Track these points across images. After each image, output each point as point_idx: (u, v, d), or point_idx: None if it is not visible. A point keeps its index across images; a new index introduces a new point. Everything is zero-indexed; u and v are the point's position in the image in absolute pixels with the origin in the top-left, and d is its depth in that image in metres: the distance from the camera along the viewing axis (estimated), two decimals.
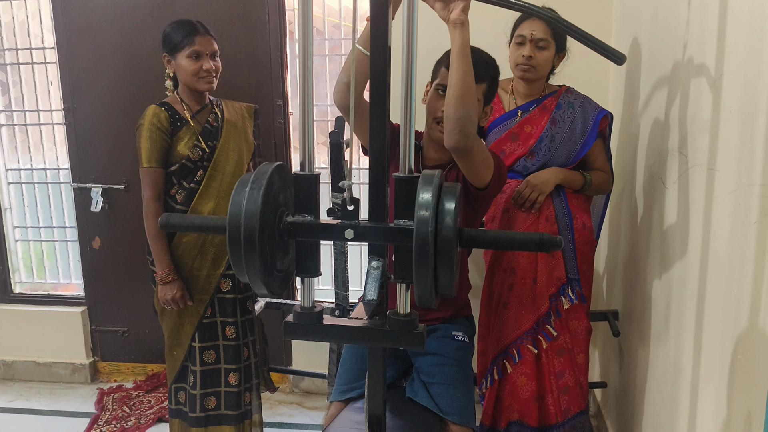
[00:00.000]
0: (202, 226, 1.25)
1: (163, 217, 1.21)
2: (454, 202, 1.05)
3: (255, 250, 1.05)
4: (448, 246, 1.04)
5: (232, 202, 1.06)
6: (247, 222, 1.04)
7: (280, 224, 1.14)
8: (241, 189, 1.07)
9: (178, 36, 2.22)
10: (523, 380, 2.16)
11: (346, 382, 1.90)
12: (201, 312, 2.35)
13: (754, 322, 1.22)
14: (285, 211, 1.16)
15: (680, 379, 1.67)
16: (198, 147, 2.28)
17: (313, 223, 1.18)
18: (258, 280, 1.09)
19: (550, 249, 1.06)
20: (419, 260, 1.03)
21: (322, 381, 3.24)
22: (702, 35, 1.55)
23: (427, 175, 1.09)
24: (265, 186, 1.06)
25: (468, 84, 1.59)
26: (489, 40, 2.23)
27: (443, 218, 1.04)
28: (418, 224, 1.03)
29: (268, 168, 1.10)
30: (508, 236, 1.13)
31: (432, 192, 1.05)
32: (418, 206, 1.04)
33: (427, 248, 1.02)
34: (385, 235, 1.17)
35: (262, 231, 1.05)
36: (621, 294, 2.50)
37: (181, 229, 1.29)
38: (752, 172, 1.22)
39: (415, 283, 1.06)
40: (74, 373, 3.46)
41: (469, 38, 1.58)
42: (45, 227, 3.52)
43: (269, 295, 1.15)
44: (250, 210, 1.05)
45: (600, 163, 2.21)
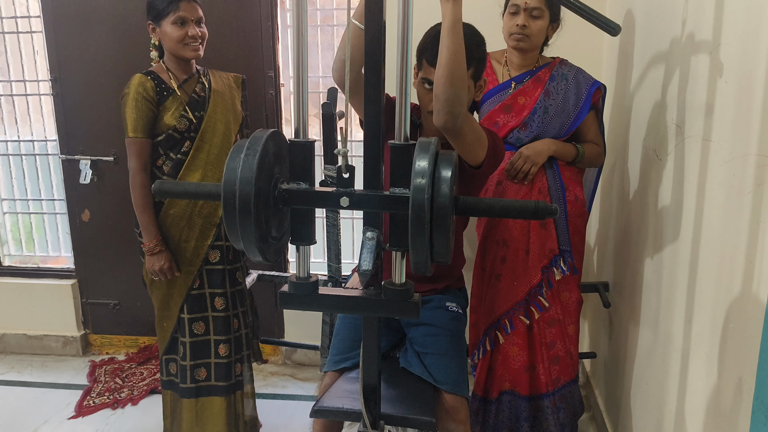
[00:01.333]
0: (196, 192, 1.24)
1: (156, 184, 1.20)
2: (450, 170, 1.05)
3: (250, 216, 1.05)
4: (444, 213, 1.03)
5: (227, 168, 1.05)
6: (242, 188, 1.04)
7: (275, 191, 1.13)
8: (236, 155, 1.06)
9: (162, 2, 2.18)
10: (515, 350, 2.18)
11: (340, 352, 1.91)
12: (189, 283, 2.35)
13: (747, 290, 1.24)
14: (280, 178, 1.15)
15: (670, 348, 1.70)
16: (185, 117, 2.25)
17: (308, 191, 1.17)
18: (253, 246, 1.08)
19: (545, 216, 1.06)
20: (415, 227, 1.03)
21: (314, 353, 3.26)
22: (699, 5, 1.54)
23: (423, 142, 1.08)
24: (260, 152, 1.05)
25: (458, 63, 1.54)
26: (482, 10, 2.22)
27: (439, 186, 1.04)
28: (414, 191, 1.03)
29: (263, 134, 1.09)
30: (504, 204, 1.13)
31: (428, 160, 1.05)
32: (414, 173, 1.04)
33: (423, 215, 1.02)
34: (381, 203, 1.16)
35: (257, 197, 1.05)
36: (612, 266, 2.52)
37: (174, 195, 1.27)
38: (748, 141, 1.22)
39: (411, 250, 1.06)
40: (66, 346, 3.46)
41: (461, 13, 1.53)
42: (33, 200, 3.49)
43: (264, 261, 1.14)
44: (245, 176, 1.04)
45: (593, 135, 2.21)
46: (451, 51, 1.53)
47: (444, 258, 1.08)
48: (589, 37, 2.70)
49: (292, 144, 1.18)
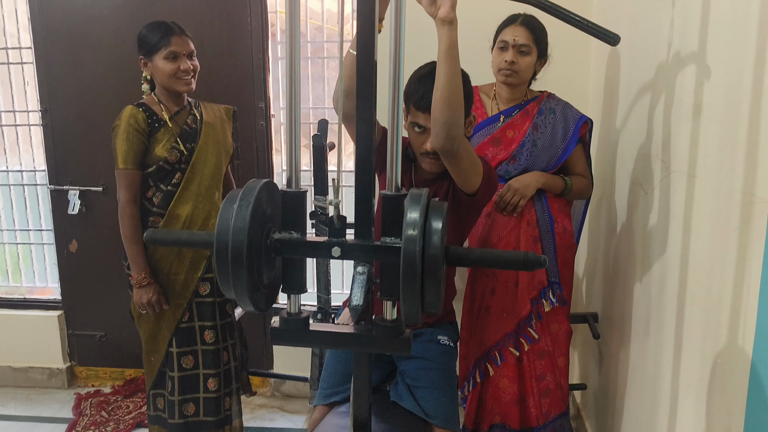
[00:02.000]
0: (188, 241, 1.24)
1: (148, 233, 1.20)
2: (441, 221, 1.06)
3: (242, 266, 1.05)
4: (436, 265, 1.05)
5: (219, 218, 1.07)
6: (234, 239, 1.04)
7: (267, 241, 1.14)
8: (229, 205, 1.08)
9: (154, 37, 2.20)
10: (505, 383, 2.18)
11: (330, 386, 1.89)
12: (178, 317, 2.33)
13: (734, 327, 1.25)
14: (272, 227, 1.16)
15: (660, 382, 1.70)
16: (176, 149, 2.25)
17: (300, 241, 1.18)
18: (245, 296, 1.09)
19: (534, 267, 1.08)
20: (406, 279, 1.05)
21: (303, 384, 3.23)
22: (683, 43, 1.58)
23: (414, 193, 1.10)
24: (253, 203, 1.06)
25: (455, 87, 1.56)
26: (471, 44, 2.25)
27: (430, 237, 1.05)
28: (405, 243, 1.04)
29: (257, 185, 1.10)
30: (494, 255, 1.15)
31: (420, 211, 1.06)
32: (405, 225, 1.05)
33: (415, 267, 1.04)
34: (372, 253, 1.18)
35: (250, 248, 1.06)
36: (600, 297, 2.53)
37: (166, 244, 1.28)
38: (733, 179, 1.25)
39: (402, 302, 1.08)
40: (51, 378, 3.40)
41: (457, 38, 1.54)
42: (21, 230, 3.46)
43: (255, 311, 1.15)
44: (238, 227, 1.05)
45: (580, 168, 2.24)
46: (448, 75, 1.54)
47: (435, 309, 1.09)
48: (575, 72, 2.75)
49: (285, 194, 1.19)
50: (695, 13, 1.48)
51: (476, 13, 2.12)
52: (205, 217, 2.33)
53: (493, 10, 2.18)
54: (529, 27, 2.10)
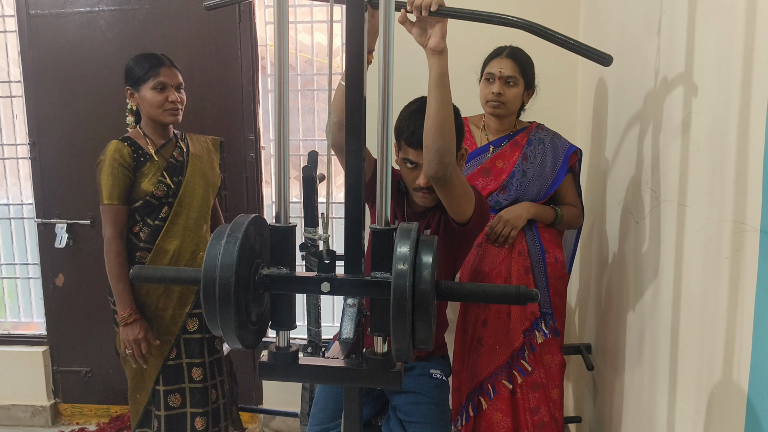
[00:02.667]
0: (175, 278, 1.22)
1: (134, 270, 1.18)
2: (431, 256, 1.06)
3: (230, 304, 1.04)
4: (426, 300, 1.04)
5: (207, 254, 1.05)
6: (222, 275, 1.03)
7: (256, 277, 1.12)
8: (217, 242, 1.06)
9: (142, 68, 2.19)
10: (499, 416, 2.14)
11: (320, 422, 1.86)
12: (165, 353, 2.28)
13: (729, 357, 1.23)
14: (260, 262, 1.15)
15: (656, 413, 1.67)
16: (163, 183, 2.23)
17: (288, 276, 1.17)
18: (232, 334, 1.07)
19: (526, 302, 1.08)
20: (397, 315, 1.03)
21: (293, 420, 3.17)
22: (669, 73, 1.59)
23: (404, 228, 1.09)
24: (240, 239, 1.05)
25: (446, 114, 1.57)
26: (460, 75, 2.27)
27: (421, 272, 1.04)
28: (396, 278, 1.03)
29: (244, 220, 1.09)
30: (485, 289, 1.14)
31: (409, 245, 1.05)
32: (395, 260, 1.04)
33: (405, 302, 1.03)
34: (362, 288, 1.17)
35: (237, 284, 1.04)
36: (594, 327, 2.51)
37: (153, 281, 1.26)
38: (723, 208, 1.24)
39: (393, 338, 1.06)
40: (34, 416, 3.32)
41: (447, 67, 1.56)
42: (7, 264, 3.42)
43: (242, 348, 1.12)
44: (226, 263, 1.03)
45: (570, 197, 2.24)
46: (440, 102, 1.56)
47: (426, 345, 1.08)
48: (563, 102, 2.78)
49: (273, 229, 1.18)
50: (681, 41, 1.50)
51: (464, 44, 2.14)
52: (192, 250, 2.30)
53: (481, 42, 2.20)
54: (515, 59, 2.12)
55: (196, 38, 3.00)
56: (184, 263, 2.27)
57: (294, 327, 1.22)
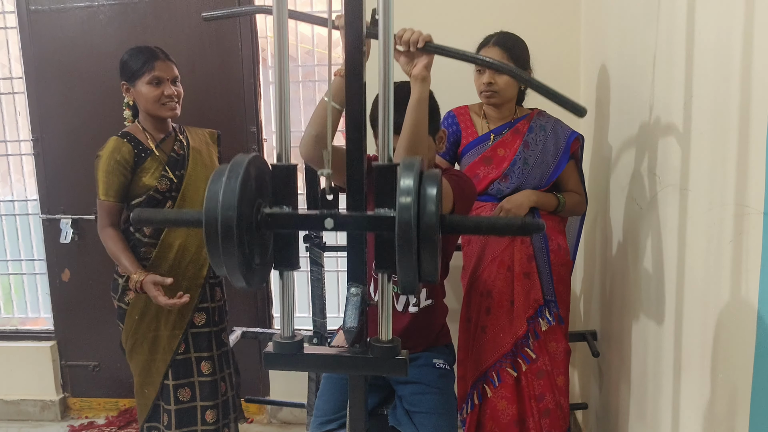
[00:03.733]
0: (177, 220, 1.21)
1: (135, 213, 1.14)
2: (435, 188, 1.03)
3: (233, 240, 1.01)
4: (431, 232, 1.01)
5: (208, 191, 1.02)
6: (224, 212, 1.01)
7: (258, 216, 1.10)
8: (218, 179, 1.03)
9: (137, 62, 2.17)
10: (504, 404, 2.15)
11: (324, 414, 1.86)
12: (174, 348, 2.27)
13: (733, 341, 1.23)
14: (262, 203, 1.12)
15: (661, 400, 1.68)
16: (165, 177, 2.22)
17: (292, 214, 1.14)
18: (236, 271, 1.05)
19: (532, 232, 1.03)
20: (402, 247, 1.01)
21: (300, 411, 3.18)
22: (670, 59, 1.58)
23: (407, 161, 1.07)
24: (242, 175, 1.03)
25: (419, 134, 1.61)
26: (457, 68, 2.26)
27: (425, 204, 1.02)
28: (400, 211, 1.01)
29: (245, 158, 1.07)
30: (490, 221, 1.12)
31: (413, 178, 1.03)
32: (399, 192, 1.02)
33: (410, 235, 1.00)
34: (366, 224, 1.14)
35: (240, 222, 1.02)
36: (599, 314, 2.51)
37: (154, 223, 1.23)
38: (725, 192, 1.24)
39: (399, 271, 1.04)
40: (44, 411, 3.35)
41: (428, 93, 1.62)
42: (13, 260, 3.43)
43: (248, 287, 1.11)
44: (228, 200, 1.01)
45: (573, 184, 2.24)
46: (414, 121, 1.60)
47: (432, 277, 1.06)
48: (566, 88, 2.76)
49: (275, 168, 1.15)
50: (681, 25, 1.49)
51: (457, 37, 2.13)
52: (198, 245, 2.29)
53: (476, 31, 2.20)
54: (502, 46, 2.11)
55: (197, 31, 3.00)
56: (189, 257, 2.27)
57: (297, 267, 1.19)
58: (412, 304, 1.89)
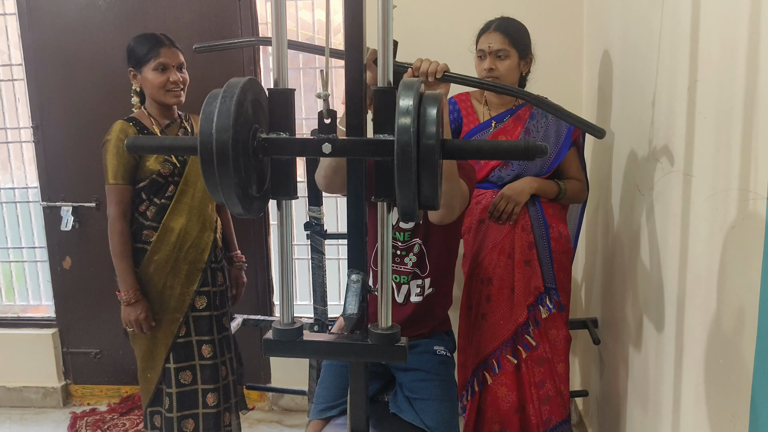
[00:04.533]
0: (171, 146, 1.18)
1: (129, 140, 1.12)
2: (436, 109, 0.99)
3: (228, 163, 0.99)
4: (431, 154, 0.98)
5: (202, 113, 1.00)
6: (219, 135, 0.98)
7: (254, 141, 1.07)
8: (212, 101, 1.01)
9: (142, 49, 2.19)
10: (504, 391, 2.15)
11: (325, 400, 1.86)
12: (175, 331, 2.29)
13: (736, 327, 1.23)
14: (259, 128, 1.09)
15: (662, 387, 1.68)
16: (169, 162, 2.24)
17: (289, 139, 1.11)
18: (233, 196, 1.03)
19: (535, 155, 1.00)
20: (401, 169, 0.98)
21: (302, 398, 3.19)
22: (674, 43, 1.57)
23: (407, 82, 1.03)
24: (237, 96, 1.00)
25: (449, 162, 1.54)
26: (458, 54, 2.24)
27: (425, 126, 0.98)
28: (399, 132, 0.97)
29: (239, 81, 1.04)
30: (492, 145, 1.08)
31: (413, 99, 0.99)
32: (398, 114, 0.98)
33: (410, 156, 0.97)
34: (365, 148, 1.10)
35: (236, 144, 0.99)
36: (600, 302, 2.50)
37: (149, 150, 1.19)
38: (729, 176, 1.23)
39: (398, 195, 1.01)
40: (46, 398, 3.36)
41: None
42: (13, 248, 3.43)
43: (246, 215, 1.08)
44: (222, 123, 0.98)
45: (574, 171, 2.22)
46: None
47: (432, 203, 1.03)
48: (569, 75, 2.75)
49: (271, 92, 1.12)
50: (686, 11, 1.47)
51: (457, 24, 2.12)
52: (199, 229, 2.31)
53: (477, 18, 2.18)
54: (503, 31, 2.09)
55: (196, 17, 2.97)
56: (191, 241, 2.28)
57: (295, 197, 1.17)
58: (415, 294, 1.88)
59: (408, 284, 1.88)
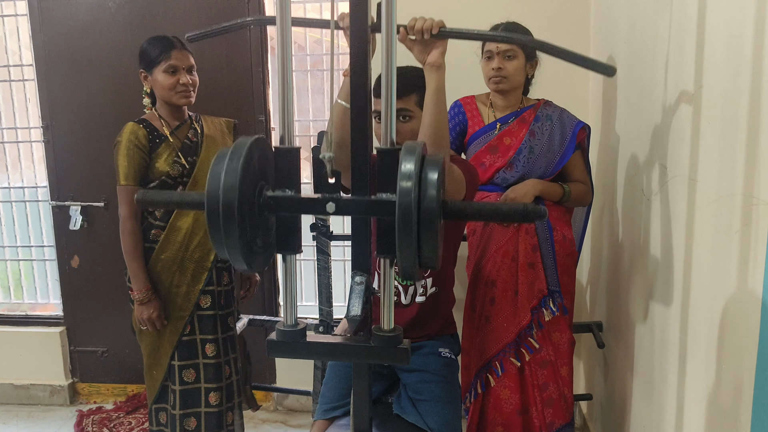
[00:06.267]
0: (180, 202, 1.21)
1: (139, 194, 1.15)
2: (437, 172, 1.02)
3: (234, 222, 1.01)
4: (432, 216, 1.01)
5: (210, 174, 1.02)
6: (226, 194, 1.01)
7: (260, 199, 1.10)
8: (220, 161, 1.03)
9: (154, 51, 2.21)
10: (507, 393, 2.15)
11: (329, 401, 1.87)
12: (180, 330, 2.32)
13: (739, 332, 1.23)
14: (265, 185, 1.12)
15: (666, 391, 1.67)
16: (178, 163, 2.26)
17: (294, 198, 1.14)
18: (237, 254, 1.05)
19: (534, 219, 1.03)
20: (402, 231, 1.01)
21: (306, 398, 3.20)
22: (680, 48, 1.57)
23: (409, 146, 1.06)
24: (244, 157, 1.02)
25: (441, 127, 1.58)
26: (463, 58, 2.25)
27: (426, 189, 1.01)
28: (401, 195, 1.00)
29: (247, 140, 1.06)
30: (492, 207, 1.11)
31: (415, 162, 1.02)
32: (400, 176, 1.01)
33: (410, 218, 1.00)
34: (367, 208, 1.14)
35: (242, 203, 1.02)
36: (605, 305, 2.50)
37: (157, 204, 1.24)
38: (733, 182, 1.23)
39: (399, 255, 1.04)
40: (53, 395, 3.39)
41: (444, 82, 1.59)
42: (23, 246, 3.46)
43: (249, 270, 1.10)
44: (229, 182, 1.01)
45: (578, 174, 2.22)
46: (434, 115, 1.57)
47: (432, 263, 1.05)
48: (574, 79, 2.75)
49: (277, 151, 1.15)
50: (692, 16, 1.47)
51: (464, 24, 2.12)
52: (206, 229, 2.32)
53: (483, 25, 2.18)
54: (511, 33, 2.10)
55: (205, 18, 2.99)
56: (197, 241, 2.30)
57: (300, 251, 1.20)
58: (419, 294, 1.89)
59: (414, 285, 1.89)
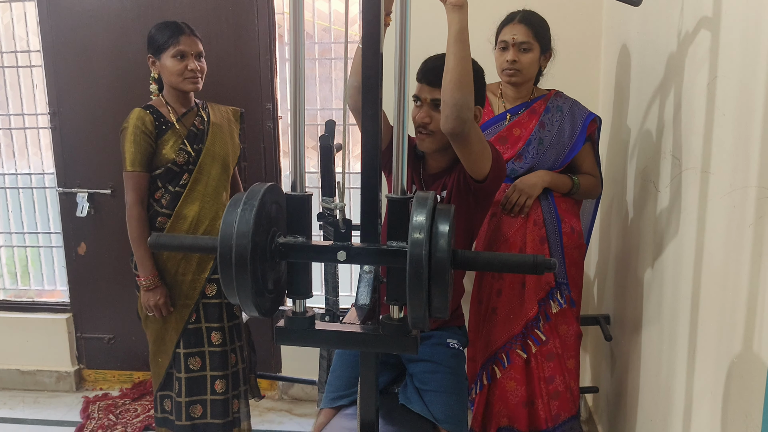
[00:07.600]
0: (192, 246, 1.24)
1: (152, 238, 1.20)
2: (448, 225, 1.04)
3: (246, 271, 1.04)
4: (443, 269, 1.03)
5: (223, 222, 1.05)
6: (238, 243, 1.03)
7: (272, 245, 1.13)
8: (233, 209, 1.06)
9: (163, 36, 2.20)
10: (513, 385, 2.15)
11: (336, 389, 1.87)
12: (185, 318, 2.32)
13: (750, 325, 1.22)
14: (276, 231, 1.15)
15: (674, 384, 1.67)
16: (184, 150, 2.25)
17: (305, 245, 1.17)
18: (249, 301, 1.08)
19: (543, 271, 1.06)
20: (413, 283, 1.03)
21: (311, 388, 3.21)
22: (694, 39, 1.55)
23: (420, 197, 1.08)
24: (257, 207, 1.05)
25: (465, 69, 1.58)
26: (475, 45, 2.23)
27: (437, 240, 1.03)
28: (412, 247, 1.02)
29: (261, 188, 1.09)
30: (502, 258, 1.13)
31: (426, 214, 1.04)
32: (412, 228, 1.03)
33: (421, 271, 1.02)
34: (378, 257, 1.17)
35: (254, 252, 1.04)
36: (612, 298, 2.49)
37: (170, 248, 1.27)
38: (747, 174, 1.22)
39: (409, 306, 1.06)
40: (59, 381, 3.40)
41: (467, 22, 1.57)
42: (30, 233, 3.47)
43: (260, 316, 1.13)
44: (242, 231, 1.03)
45: (588, 166, 2.21)
46: (458, 57, 1.57)
47: (442, 314, 1.07)
48: (586, 69, 2.73)
49: (289, 198, 1.18)
50: (707, 5, 1.45)
51: (476, 15, 2.10)
52: (212, 217, 2.32)
53: (495, 9, 2.17)
54: (528, 23, 2.07)
55: (213, 6, 2.98)
56: (203, 229, 2.30)
57: (310, 295, 1.22)
58: None
59: None
